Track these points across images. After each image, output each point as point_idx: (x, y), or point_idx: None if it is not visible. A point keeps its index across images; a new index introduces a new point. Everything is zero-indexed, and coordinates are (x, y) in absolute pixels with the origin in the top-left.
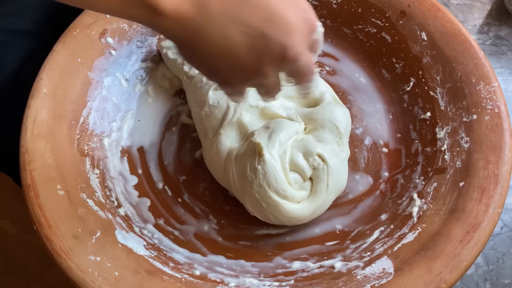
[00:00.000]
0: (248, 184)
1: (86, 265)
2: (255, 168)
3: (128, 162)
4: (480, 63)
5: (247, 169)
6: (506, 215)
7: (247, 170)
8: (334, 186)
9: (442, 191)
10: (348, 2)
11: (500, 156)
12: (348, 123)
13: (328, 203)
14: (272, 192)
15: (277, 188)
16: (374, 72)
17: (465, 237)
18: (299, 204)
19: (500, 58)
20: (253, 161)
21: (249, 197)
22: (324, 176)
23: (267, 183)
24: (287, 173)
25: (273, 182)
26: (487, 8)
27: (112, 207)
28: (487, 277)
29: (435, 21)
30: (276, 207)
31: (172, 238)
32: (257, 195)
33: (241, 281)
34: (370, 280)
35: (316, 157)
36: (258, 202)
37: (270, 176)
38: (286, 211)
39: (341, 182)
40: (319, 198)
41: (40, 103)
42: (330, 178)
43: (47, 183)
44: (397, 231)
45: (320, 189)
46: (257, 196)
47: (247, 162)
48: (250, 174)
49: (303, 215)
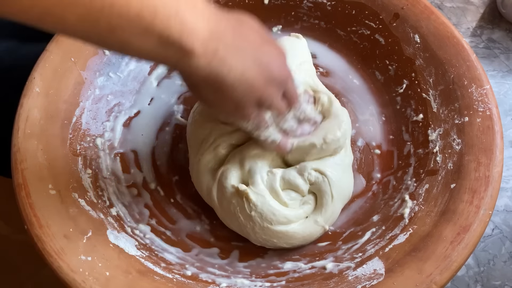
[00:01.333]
0: (250, 230)
1: (77, 265)
2: (250, 216)
3: (120, 162)
4: (472, 66)
5: (241, 219)
6: (497, 217)
7: (241, 220)
8: (340, 196)
9: (434, 193)
10: (342, 4)
11: (491, 158)
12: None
13: (337, 213)
14: (275, 226)
15: (279, 219)
16: (367, 74)
17: (456, 239)
18: (308, 221)
19: (493, 61)
20: (243, 210)
21: (257, 238)
22: (327, 188)
23: (267, 222)
24: (280, 196)
25: (272, 217)
26: (480, 11)
27: (104, 207)
28: (478, 279)
29: (428, 24)
30: (286, 235)
31: (164, 238)
32: (264, 236)
33: (232, 281)
34: (361, 281)
35: (311, 171)
36: (268, 240)
37: (267, 215)
38: (297, 234)
39: (346, 189)
40: (326, 211)
41: (32, 102)
42: (334, 188)
43: (39, 182)
44: (389, 232)
45: (325, 202)
46: (265, 237)
47: (237, 213)
48: (247, 223)
49: (316, 232)
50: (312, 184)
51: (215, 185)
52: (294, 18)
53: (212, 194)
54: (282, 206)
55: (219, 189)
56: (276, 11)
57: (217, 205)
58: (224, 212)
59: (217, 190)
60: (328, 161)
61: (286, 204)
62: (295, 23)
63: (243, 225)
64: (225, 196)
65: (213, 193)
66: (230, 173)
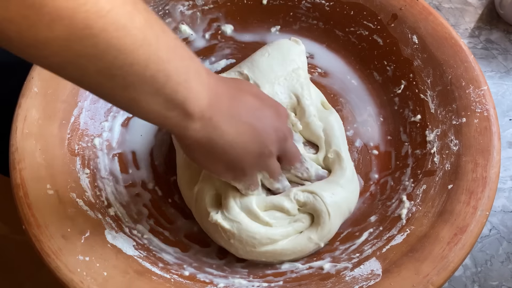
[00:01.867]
0: (236, 252)
1: (75, 265)
2: (230, 244)
3: (119, 162)
4: (470, 67)
5: (223, 244)
6: (494, 217)
7: (223, 244)
8: (338, 212)
9: (431, 193)
10: (341, 5)
11: (489, 159)
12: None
13: (335, 230)
14: (260, 248)
15: (262, 241)
16: (365, 74)
17: (453, 239)
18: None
19: (491, 62)
20: (221, 239)
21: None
22: (321, 207)
23: (250, 246)
24: (259, 217)
25: (254, 241)
26: (478, 12)
27: (102, 207)
28: (475, 279)
29: (426, 25)
30: (275, 253)
31: (162, 238)
32: (251, 257)
33: (230, 281)
34: (358, 281)
35: (298, 192)
36: (258, 259)
37: (247, 240)
38: (286, 250)
39: (345, 204)
40: (323, 229)
41: (30, 102)
42: (330, 206)
43: (37, 182)
44: (386, 232)
45: (323, 221)
46: (252, 258)
47: (218, 238)
48: (230, 247)
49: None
50: (303, 205)
51: (194, 205)
52: (292, 18)
53: (193, 211)
54: (265, 226)
55: (197, 211)
56: (274, 12)
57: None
58: (207, 231)
59: (196, 211)
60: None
61: (270, 223)
62: (294, 23)
63: (228, 247)
64: (204, 218)
65: (193, 211)
66: (205, 193)
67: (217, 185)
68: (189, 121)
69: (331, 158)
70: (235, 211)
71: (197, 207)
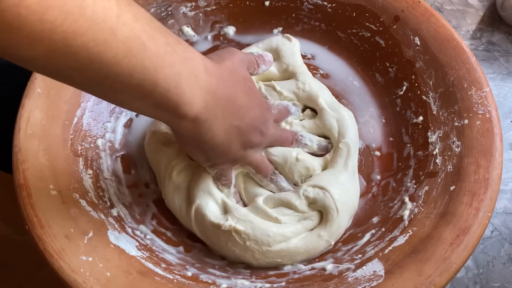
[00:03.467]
0: (250, 259)
1: (78, 265)
2: (245, 246)
3: (121, 162)
4: (472, 68)
5: (238, 251)
6: (496, 219)
7: (238, 252)
8: (345, 208)
9: (433, 195)
10: (343, 6)
11: (491, 160)
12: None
13: (344, 227)
14: (275, 246)
15: (275, 238)
16: (367, 76)
17: (455, 241)
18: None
19: (492, 64)
20: (236, 243)
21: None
22: (330, 203)
23: (265, 245)
24: (268, 213)
25: (269, 239)
26: (480, 14)
27: (105, 208)
28: (477, 280)
29: (428, 26)
30: (289, 252)
31: (165, 239)
32: (267, 259)
33: (232, 282)
34: (360, 282)
35: (307, 188)
36: (272, 261)
37: (262, 239)
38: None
39: (350, 200)
40: (331, 225)
41: (34, 103)
42: (338, 202)
43: (40, 183)
44: (388, 234)
45: (331, 217)
46: (268, 260)
47: (231, 247)
48: (245, 253)
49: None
50: (312, 202)
51: (193, 224)
52: (294, 20)
53: (195, 231)
54: (275, 224)
55: (200, 228)
56: (276, 13)
57: (205, 240)
58: (216, 246)
59: (198, 229)
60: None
61: (278, 219)
62: (296, 25)
63: (241, 256)
64: (210, 234)
65: (194, 230)
66: (205, 209)
67: (216, 197)
68: (181, 120)
69: (341, 149)
70: (243, 211)
71: (200, 226)
